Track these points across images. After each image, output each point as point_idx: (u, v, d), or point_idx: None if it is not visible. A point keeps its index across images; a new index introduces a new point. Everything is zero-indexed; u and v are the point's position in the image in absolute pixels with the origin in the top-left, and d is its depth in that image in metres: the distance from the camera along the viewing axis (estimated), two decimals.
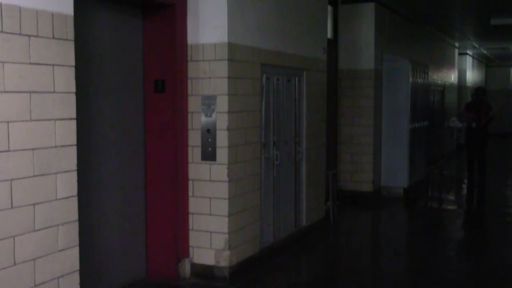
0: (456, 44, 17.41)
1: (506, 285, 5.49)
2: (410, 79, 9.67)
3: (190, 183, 5.25)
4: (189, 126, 5.23)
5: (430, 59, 13.16)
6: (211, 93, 5.12)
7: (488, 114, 11.44)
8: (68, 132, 3.61)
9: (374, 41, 9.22)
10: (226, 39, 5.06)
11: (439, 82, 14.72)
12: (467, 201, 10.50)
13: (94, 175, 4.60)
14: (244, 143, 5.38)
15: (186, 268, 5.24)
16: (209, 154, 5.16)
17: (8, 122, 3.22)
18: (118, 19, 4.88)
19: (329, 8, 8.25)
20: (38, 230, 3.42)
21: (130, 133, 5.07)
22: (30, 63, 3.35)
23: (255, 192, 5.60)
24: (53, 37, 3.49)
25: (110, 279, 4.84)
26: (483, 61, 23.90)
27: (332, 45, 8.70)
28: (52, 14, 3.48)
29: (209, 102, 5.14)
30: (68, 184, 3.61)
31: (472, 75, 21.03)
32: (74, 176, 3.66)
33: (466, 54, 19.35)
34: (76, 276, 3.71)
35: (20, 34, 3.28)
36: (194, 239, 5.27)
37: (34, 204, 3.39)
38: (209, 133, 5.15)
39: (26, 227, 3.34)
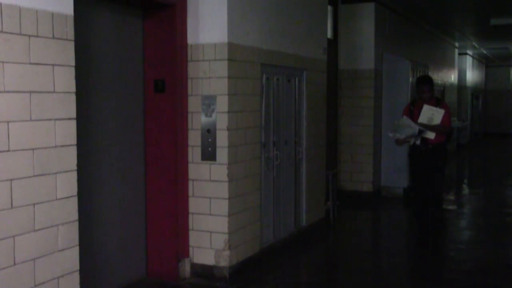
0: (456, 44, 17.41)
1: (506, 285, 5.48)
2: (410, 79, 9.67)
3: (190, 183, 5.25)
4: (189, 126, 5.23)
5: (430, 59, 13.17)
6: (211, 93, 5.12)
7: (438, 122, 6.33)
8: (68, 132, 3.61)
9: (374, 41, 9.22)
10: (226, 39, 5.06)
11: (439, 82, 14.73)
12: None
13: (94, 175, 4.60)
14: (244, 143, 5.38)
15: (186, 268, 5.24)
16: (209, 154, 5.16)
17: (8, 122, 3.22)
18: (118, 19, 4.88)
19: (329, 8, 8.25)
20: (38, 230, 3.42)
21: (130, 133, 5.07)
22: (30, 63, 3.35)
23: (255, 192, 5.60)
24: (53, 37, 3.49)
25: (110, 279, 4.84)
26: (483, 61, 23.92)
27: (332, 45, 8.70)
28: (52, 14, 3.48)
29: (209, 102, 5.13)
30: (68, 184, 3.61)
31: (472, 75, 21.04)
32: (74, 176, 3.66)
33: (466, 54, 19.36)
34: (76, 276, 3.71)
35: (20, 34, 3.28)
36: (194, 239, 5.27)
37: (34, 204, 3.39)
38: (209, 133, 5.15)
39: (26, 227, 3.34)
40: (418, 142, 6.50)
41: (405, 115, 6.55)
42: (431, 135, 6.38)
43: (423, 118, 6.38)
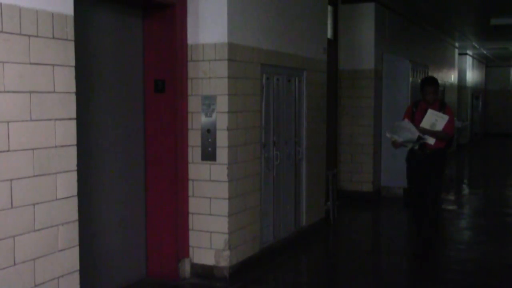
0: (456, 44, 17.41)
1: (506, 285, 5.48)
2: (410, 79, 9.67)
3: (190, 183, 5.25)
4: (189, 126, 5.23)
5: (430, 59, 13.17)
6: (211, 93, 5.12)
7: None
8: (68, 132, 3.61)
9: (374, 41, 9.22)
10: (226, 39, 5.06)
11: (439, 82, 14.70)
12: None
13: (94, 175, 4.60)
14: (244, 143, 5.38)
15: (186, 268, 5.24)
16: (209, 154, 5.16)
17: (8, 122, 3.22)
18: (118, 19, 4.88)
19: (329, 8, 8.25)
20: (38, 230, 3.42)
21: (130, 133, 5.07)
22: (30, 63, 3.35)
23: (255, 192, 5.60)
24: (53, 37, 3.49)
25: (110, 279, 4.83)
26: (483, 61, 23.92)
27: (332, 45, 8.70)
28: (52, 14, 3.48)
29: (209, 102, 5.13)
30: (68, 184, 3.61)
31: (472, 75, 21.04)
32: (74, 176, 3.66)
33: (466, 54, 19.36)
34: (76, 276, 3.71)
35: (20, 34, 3.28)
36: (194, 239, 5.27)
37: (34, 204, 3.38)
38: (209, 133, 5.15)
39: (26, 227, 3.34)
40: (416, 147, 6.27)
41: (406, 117, 6.33)
42: (431, 141, 6.17)
43: (426, 122, 6.16)
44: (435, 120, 6.14)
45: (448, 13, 11.99)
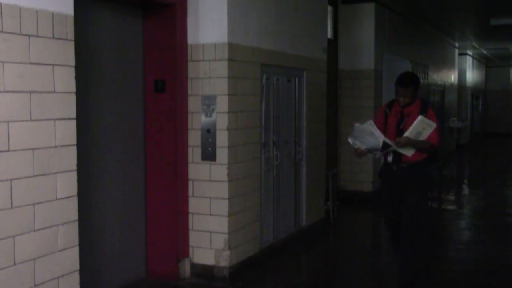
0: (456, 44, 17.41)
1: (506, 285, 5.48)
2: None
3: (190, 183, 5.25)
4: (189, 126, 5.23)
5: (430, 59, 13.17)
6: (211, 93, 5.12)
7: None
8: (68, 132, 3.61)
9: (374, 41, 9.22)
10: (226, 39, 5.06)
11: (439, 82, 14.72)
12: None
13: (94, 175, 4.60)
14: (244, 143, 5.38)
15: (186, 268, 5.24)
16: (209, 154, 5.16)
17: (8, 122, 3.22)
18: (118, 19, 4.88)
19: (329, 8, 8.25)
20: (38, 230, 3.42)
21: (130, 133, 5.07)
22: (30, 63, 3.35)
23: (255, 192, 5.60)
24: (53, 37, 3.49)
25: (110, 279, 4.83)
26: (483, 61, 23.92)
27: (332, 45, 8.70)
28: (52, 14, 3.48)
29: (209, 102, 5.14)
30: (68, 184, 3.61)
31: (472, 75, 21.04)
32: (74, 176, 3.66)
33: (466, 54, 19.36)
34: (76, 276, 3.71)
35: (20, 34, 3.28)
36: (194, 239, 5.27)
37: (34, 204, 3.39)
38: (209, 133, 5.15)
39: (26, 227, 3.35)
40: (390, 158, 4.93)
41: (378, 120, 5.06)
42: (408, 152, 4.82)
43: (412, 131, 4.76)
44: (422, 129, 4.79)
45: (448, 13, 11.99)
